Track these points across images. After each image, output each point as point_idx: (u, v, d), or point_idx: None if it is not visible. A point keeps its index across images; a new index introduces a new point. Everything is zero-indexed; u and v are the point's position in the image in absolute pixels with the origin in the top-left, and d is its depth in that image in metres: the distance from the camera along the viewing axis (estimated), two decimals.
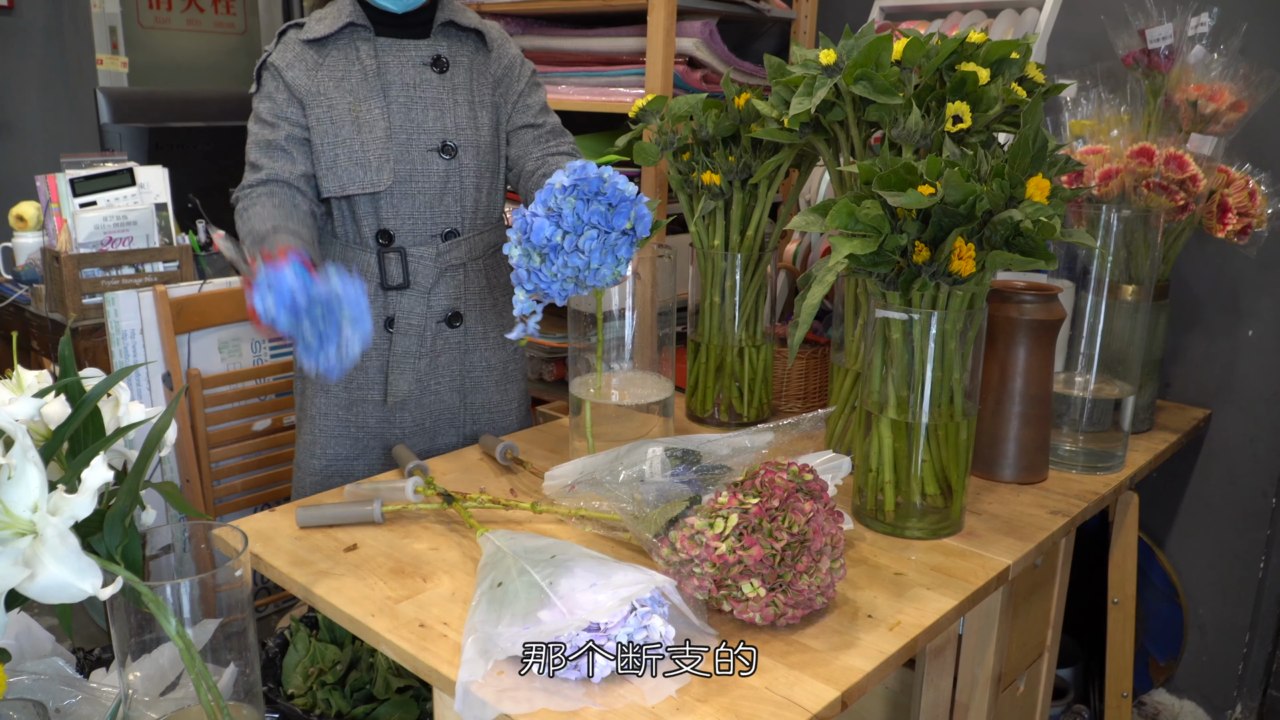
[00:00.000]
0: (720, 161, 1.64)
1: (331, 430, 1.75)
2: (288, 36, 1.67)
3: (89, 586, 0.82)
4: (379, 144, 1.62)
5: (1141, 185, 1.65)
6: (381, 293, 1.70)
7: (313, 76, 1.63)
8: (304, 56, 1.64)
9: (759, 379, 1.73)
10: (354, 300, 1.18)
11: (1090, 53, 2.03)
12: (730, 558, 1.02)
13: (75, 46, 4.56)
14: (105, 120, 2.87)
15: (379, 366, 1.72)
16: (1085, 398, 1.61)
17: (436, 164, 1.66)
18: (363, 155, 1.62)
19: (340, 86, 1.63)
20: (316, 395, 1.76)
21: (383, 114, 1.63)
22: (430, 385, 1.74)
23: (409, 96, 1.65)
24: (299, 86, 1.62)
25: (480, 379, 1.79)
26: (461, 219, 1.70)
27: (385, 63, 1.65)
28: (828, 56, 1.39)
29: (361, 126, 1.62)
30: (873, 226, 1.21)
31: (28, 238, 2.63)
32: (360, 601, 1.14)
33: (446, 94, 1.67)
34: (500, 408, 1.82)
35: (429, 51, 1.67)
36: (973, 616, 1.45)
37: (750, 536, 1.03)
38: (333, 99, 1.62)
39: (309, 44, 1.65)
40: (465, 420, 1.79)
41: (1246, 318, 2.01)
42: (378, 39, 1.66)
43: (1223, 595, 2.14)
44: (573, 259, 1.29)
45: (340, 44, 1.65)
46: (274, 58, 1.65)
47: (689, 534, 1.06)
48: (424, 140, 1.65)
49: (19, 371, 0.99)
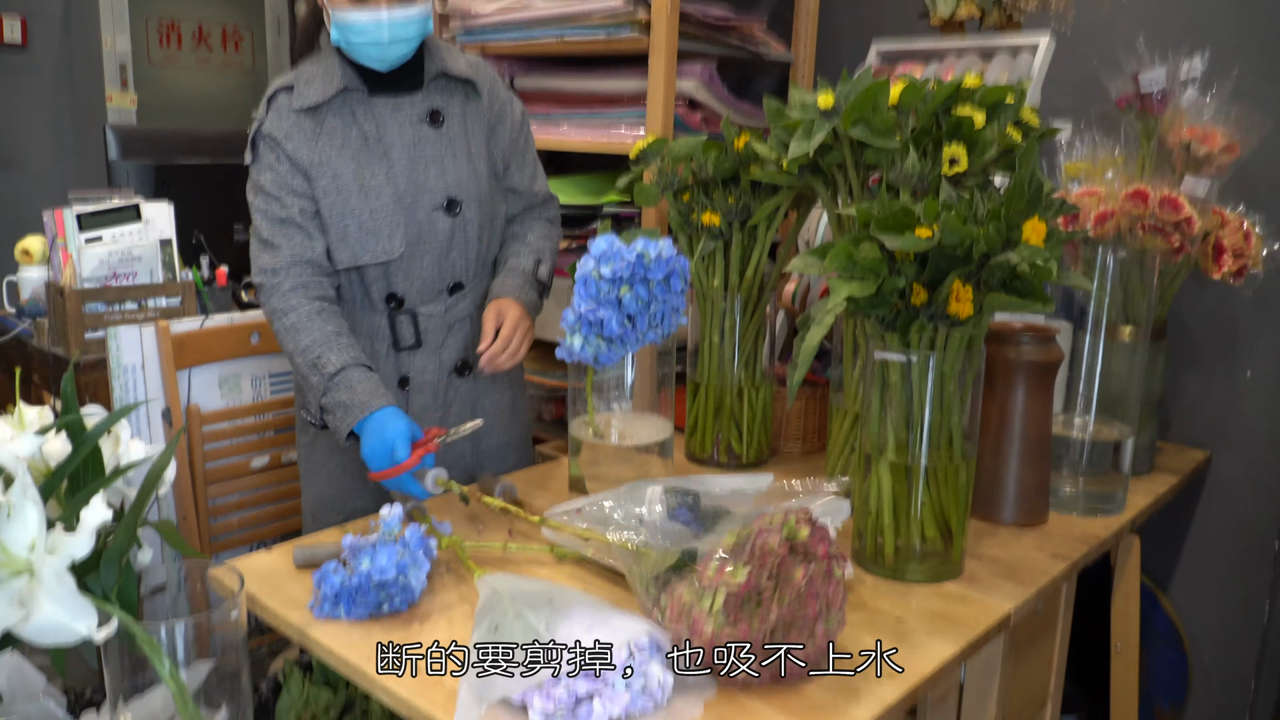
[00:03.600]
0: (720, 202, 1.65)
1: (351, 488, 1.73)
2: (279, 103, 1.62)
3: (84, 628, 0.81)
4: (388, 210, 1.60)
5: (1137, 227, 1.66)
6: (393, 353, 1.69)
7: (313, 146, 1.60)
8: (301, 125, 1.60)
9: (758, 419, 1.73)
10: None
11: (1084, 96, 2.04)
12: (719, 635, 0.99)
13: (85, 83, 4.61)
14: (113, 156, 2.89)
15: None
16: (1084, 439, 1.61)
17: (443, 222, 1.65)
18: (373, 224, 1.60)
19: (342, 155, 1.60)
20: (331, 453, 1.73)
21: (388, 178, 1.61)
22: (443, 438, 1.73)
23: (411, 156, 1.63)
24: (301, 158, 1.59)
25: (491, 422, 1.77)
26: (466, 271, 1.70)
27: (383, 124, 1.63)
28: (826, 100, 1.40)
29: (368, 194, 1.59)
30: (871, 269, 1.21)
31: (32, 272, 2.64)
32: (355, 645, 1.13)
33: (445, 148, 1.66)
34: (509, 445, 1.82)
35: (424, 106, 1.66)
36: (974, 663, 1.44)
37: (739, 613, 0.99)
38: (337, 168, 1.59)
39: (304, 112, 1.60)
40: (476, 465, 1.78)
41: (1244, 358, 2.01)
42: (372, 99, 1.63)
43: (1227, 641, 2.12)
44: (649, 336, 1.39)
45: (335, 109, 1.62)
46: (269, 127, 1.61)
47: (678, 607, 1.03)
48: (429, 200, 1.63)
49: (20, 408, 0.99)
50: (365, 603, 1.17)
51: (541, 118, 2.39)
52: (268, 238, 1.60)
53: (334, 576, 1.17)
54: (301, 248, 1.59)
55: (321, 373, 1.52)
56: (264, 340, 2.28)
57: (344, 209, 1.59)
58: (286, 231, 1.59)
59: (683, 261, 1.39)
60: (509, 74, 2.53)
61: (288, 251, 1.58)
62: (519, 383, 1.85)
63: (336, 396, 1.51)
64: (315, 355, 1.53)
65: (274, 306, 1.58)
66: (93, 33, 4.56)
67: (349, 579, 1.17)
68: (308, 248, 1.60)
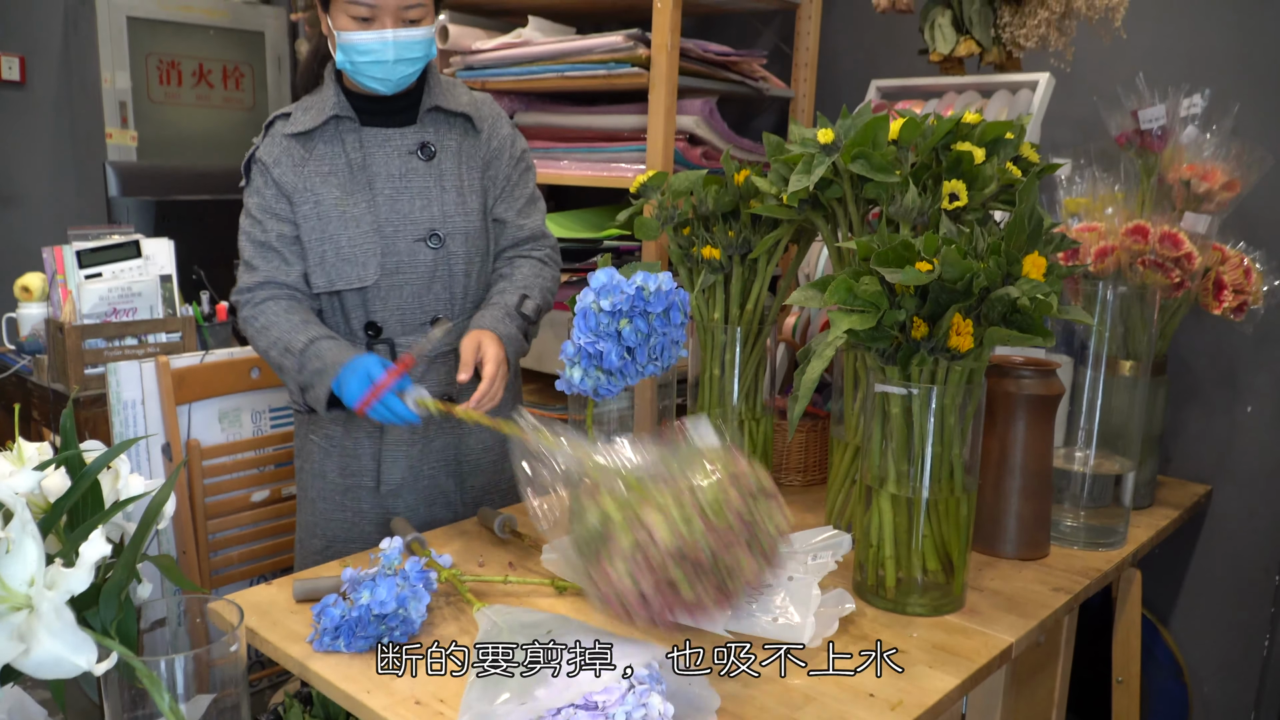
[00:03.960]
0: (720, 236, 1.65)
1: (329, 514, 1.75)
2: (274, 129, 1.67)
3: (84, 662, 0.81)
4: (366, 238, 1.63)
5: (1137, 262, 1.67)
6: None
7: (299, 172, 1.63)
8: (291, 151, 1.64)
9: (758, 452, 1.73)
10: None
11: (1084, 132, 2.06)
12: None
13: (85, 120, 4.63)
14: (113, 193, 2.90)
15: (372, 454, 1.71)
16: (1085, 473, 1.61)
17: (424, 254, 1.66)
18: (349, 251, 1.62)
19: (327, 181, 1.63)
20: (314, 479, 1.76)
21: (369, 208, 1.63)
22: (424, 470, 1.73)
23: (395, 188, 1.65)
24: (286, 183, 1.63)
25: (477, 461, 1.77)
26: (450, 305, 1.70)
27: (371, 154, 1.65)
28: (826, 135, 1.42)
29: (348, 222, 1.62)
30: (871, 302, 1.22)
31: (32, 308, 2.64)
32: (355, 678, 1.12)
33: (434, 182, 1.67)
34: (498, 488, 1.81)
35: (415, 139, 1.67)
36: (976, 696, 1.43)
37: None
38: (319, 194, 1.63)
39: (295, 137, 1.65)
40: (461, 502, 1.77)
41: (1245, 394, 2.02)
42: (363, 129, 1.66)
43: (1228, 673, 2.11)
44: (649, 369, 1.39)
45: (326, 137, 1.65)
46: (261, 152, 1.66)
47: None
48: (411, 231, 1.65)
49: (20, 444, 0.99)
50: (365, 635, 1.17)
51: (542, 153, 2.41)
52: (248, 259, 1.66)
53: (334, 609, 1.17)
54: (277, 271, 1.64)
55: (292, 352, 1.57)
56: (264, 375, 2.28)
57: (323, 234, 1.63)
58: (265, 254, 1.65)
59: (682, 294, 1.39)
60: (510, 110, 2.55)
61: (264, 273, 1.64)
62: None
63: (310, 367, 1.56)
64: (285, 341, 1.59)
65: (246, 316, 1.64)
66: (92, 70, 4.59)
67: (349, 611, 1.16)
68: (284, 271, 1.64)
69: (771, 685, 1.12)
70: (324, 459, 1.74)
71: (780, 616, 1.20)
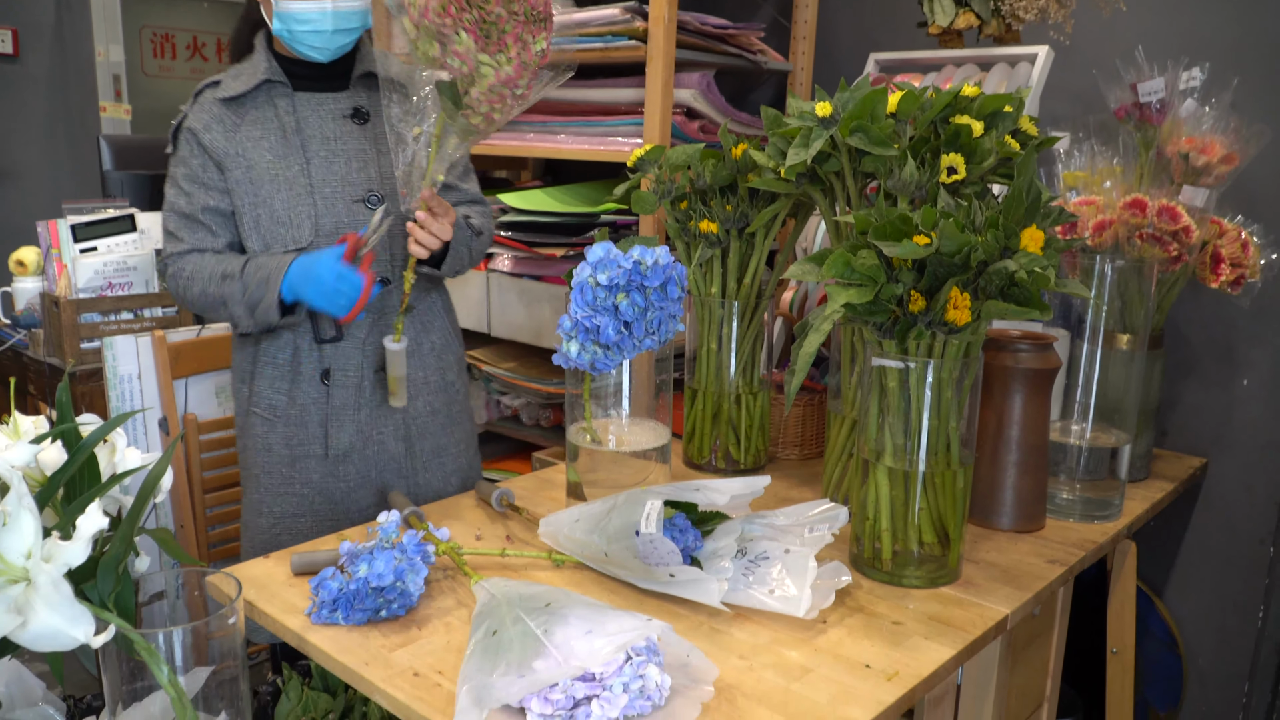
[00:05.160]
0: (717, 210, 1.65)
1: (275, 489, 1.74)
2: (204, 96, 1.67)
3: (81, 634, 0.81)
4: (300, 200, 1.63)
5: (1135, 236, 1.67)
6: (316, 346, 1.69)
7: (231, 138, 1.63)
8: (222, 117, 1.64)
9: (756, 426, 1.73)
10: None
11: (1083, 106, 2.05)
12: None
13: (79, 94, 4.61)
14: (107, 167, 2.89)
15: (319, 420, 1.71)
16: (1082, 446, 1.61)
17: (364, 214, 1.66)
18: (284, 214, 1.63)
19: (259, 146, 1.64)
20: (258, 454, 1.75)
21: (302, 170, 1.64)
22: (373, 436, 1.73)
23: (330, 150, 1.66)
24: (217, 149, 1.63)
25: (426, 424, 1.78)
26: (391, 267, 1.70)
27: (304, 118, 1.66)
28: (824, 109, 1.41)
29: (281, 184, 1.63)
30: (869, 276, 1.22)
31: (27, 283, 2.64)
32: (353, 650, 1.13)
33: (369, 144, 1.69)
34: (449, 451, 1.82)
35: (348, 103, 1.69)
36: (971, 666, 1.44)
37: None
38: (251, 159, 1.63)
39: (226, 103, 1.65)
40: (412, 469, 1.78)
41: (1241, 367, 2.02)
42: (296, 94, 1.67)
43: (1222, 644, 2.12)
44: (646, 343, 1.39)
45: (258, 102, 1.66)
46: (190, 120, 1.65)
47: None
48: (349, 192, 1.66)
49: (16, 417, 0.99)
50: (363, 608, 1.17)
51: (539, 126, 2.40)
52: (173, 230, 1.67)
53: (332, 582, 1.17)
54: (201, 241, 1.66)
55: (230, 276, 1.59)
56: None
57: (255, 198, 1.63)
58: (190, 226, 1.66)
59: (679, 269, 1.39)
60: None
61: (188, 244, 1.65)
62: (456, 393, 1.84)
63: (255, 278, 1.58)
64: (221, 269, 1.60)
65: (173, 273, 1.66)
66: (85, 44, 4.57)
67: (347, 585, 1.17)
68: (208, 242, 1.66)
69: (768, 656, 1.12)
70: (268, 431, 1.73)
71: (777, 589, 1.20)
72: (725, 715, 1.01)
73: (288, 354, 1.70)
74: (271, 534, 1.75)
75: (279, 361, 1.70)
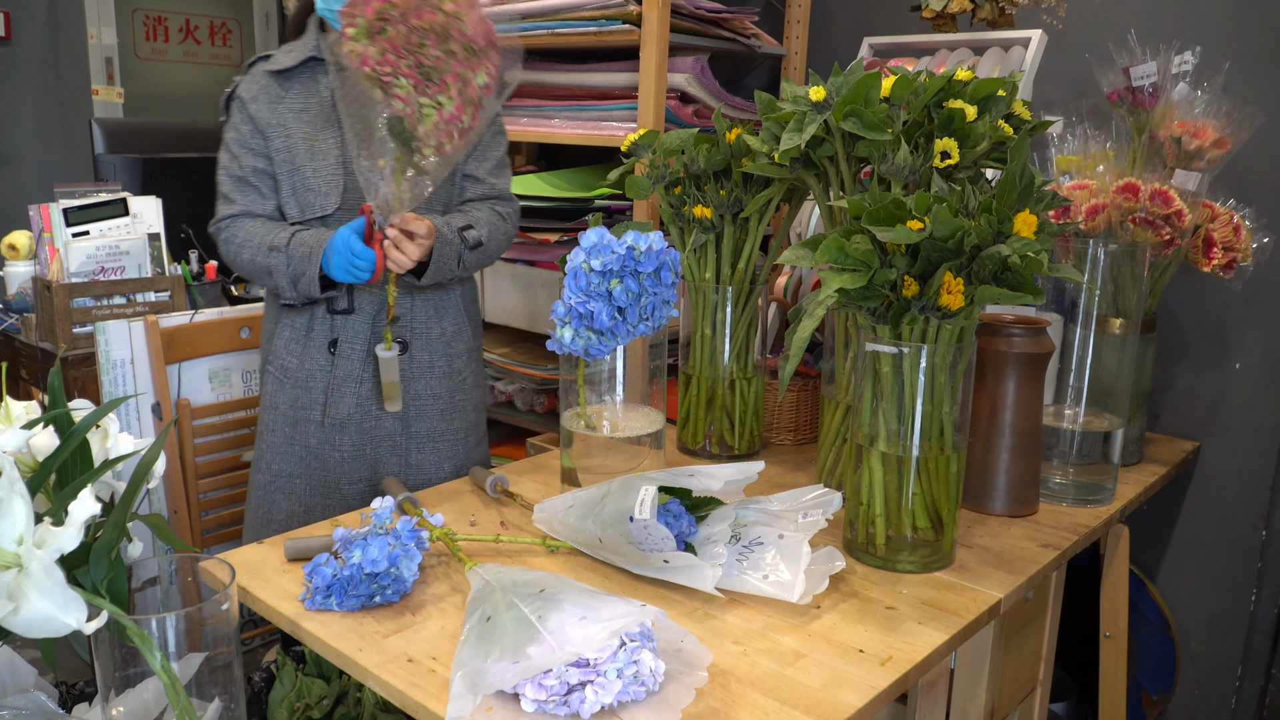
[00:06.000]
0: (711, 195, 1.65)
1: (277, 446, 1.80)
2: (255, 68, 1.75)
3: (73, 620, 0.81)
4: (330, 170, 1.69)
5: (1127, 220, 1.67)
6: (328, 316, 1.75)
7: (275, 109, 1.71)
8: (268, 89, 1.72)
9: (750, 411, 1.73)
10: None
11: (1076, 90, 2.05)
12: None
13: (71, 77, 4.58)
14: (100, 150, 2.88)
15: (322, 387, 1.76)
16: (1075, 430, 1.61)
17: None
18: (314, 181, 1.69)
19: (300, 118, 1.71)
20: (267, 411, 1.81)
21: (336, 143, 1.70)
22: (371, 410, 1.77)
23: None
24: (261, 118, 1.71)
25: (425, 407, 1.80)
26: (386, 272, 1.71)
27: None
28: (817, 93, 1.41)
29: (315, 155, 1.70)
30: (862, 261, 1.22)
31: (19, 267, 2.63)
32: (348, 636, 1.13)
33: None
34: (445, 437, 1.83)
35: None
36: (965, 651, 1.45)
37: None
38: (291, 129, 1.70)
39: (274, 75, 1.72)
40: (408, 448, 1.81)
41: (1233, 351, 2.02)
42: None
43: (1215, 628, 2.13)
44: (640, 329, 1.39)
45: (303, 77, 1.73)
46: (241, 90, 1.73)
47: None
48: None
49: (8, 402, 0.99)
50: (357, 594, 1.17)
51: (532, 111, 2.39)
52: (226, 193, 1.74)
53: (325, 568, 1.17)
54: (253, 204, 1.73)
55: (278, 249, 1.67)
56: (254, 334, 2.27)
57: (291, 166, 1.71)
58: (241, 188, 1.73)
59: (673, 254, 1.39)
60: None
61: (240, 206, 1.73)
62: (462, 381, 1.85)
63: (298, 254, 1.65)
64: (269, 241, 1.67)
65: (225, 238, 1.74)
66: (78, 26, 4.54)
67: (340, 570, 1.17)
68: (259, 204, 1.73)
69: (762, 641, 1.13)
70: (277, 390, 1.80)
71: (771, 574, 1.21)
72: (719, 700, 1.01)
73: (304, 319, 1.77)
74: (266, 490, 1.81)
75: (296, 325, 1.77)
